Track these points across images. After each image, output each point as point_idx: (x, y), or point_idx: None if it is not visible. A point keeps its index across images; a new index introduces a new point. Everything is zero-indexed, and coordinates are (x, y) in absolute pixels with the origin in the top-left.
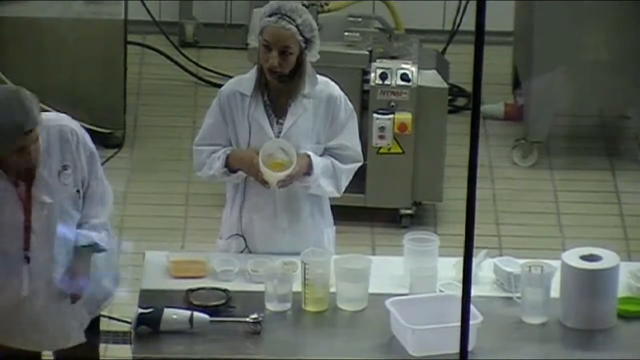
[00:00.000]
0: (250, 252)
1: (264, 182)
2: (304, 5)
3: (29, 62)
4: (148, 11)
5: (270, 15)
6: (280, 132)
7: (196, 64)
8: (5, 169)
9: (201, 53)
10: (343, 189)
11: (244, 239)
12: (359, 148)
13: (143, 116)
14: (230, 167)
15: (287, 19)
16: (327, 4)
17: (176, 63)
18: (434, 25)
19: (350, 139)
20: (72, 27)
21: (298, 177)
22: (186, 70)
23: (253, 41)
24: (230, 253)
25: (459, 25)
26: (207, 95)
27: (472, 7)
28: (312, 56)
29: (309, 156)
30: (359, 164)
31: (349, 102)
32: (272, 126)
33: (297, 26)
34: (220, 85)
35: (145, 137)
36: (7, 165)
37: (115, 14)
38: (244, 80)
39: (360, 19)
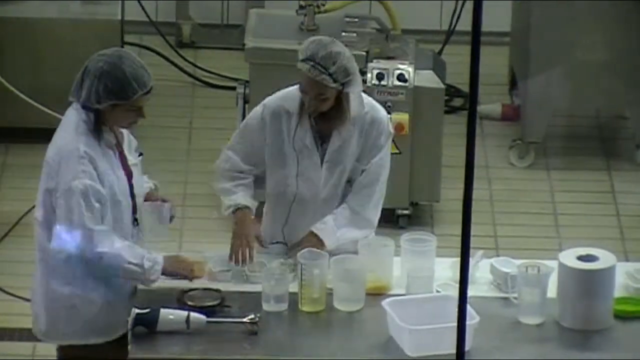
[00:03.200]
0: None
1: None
2: (301, 5)
3: (27, 62)
4: (145, 12)
5: (305, 60)
6: (324, 155)
7: (193, 64)
8: (113, 129)
9: (198, 53)
10: (376, 219)
11: (286, 244)
12: (384, 171)
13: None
14: (228, 213)
15: (320, 67)
16: (324, 5)
17: (173, 63)
18: (430, 26)
19: (379, 161)
20: (69, 27)
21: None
22: (183, 70)
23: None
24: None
25: (455, 25)
26: (204, 95)
27: (468, 7)
28: (354, 92)
29: (315, 234)
30: (378, 186)
31: (390, 125)
32: (317, 149)
33: (330, 74)
34: (217, 86)
35: (142, 138)
36: (118, 122)
37: (112, 14)
38: (291, 98)
39: (357, 20)
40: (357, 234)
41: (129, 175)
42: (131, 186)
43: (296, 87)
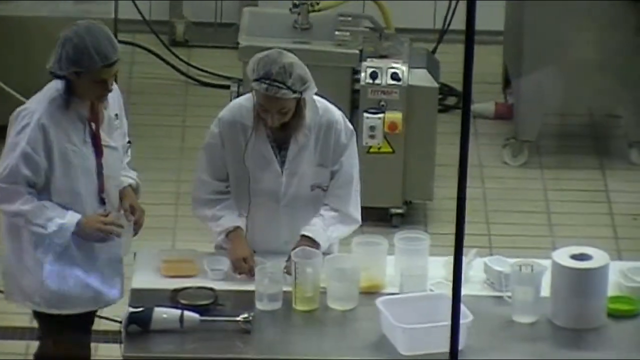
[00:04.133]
0: None
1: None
2: (294, 4)
3: (19, 60)
4: (138, 10)
5: (259, 80)
6: (283, 162)
7: (186, 63)
8: (82, 100)
9: (191, 52)
10: (359, 215)
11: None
12: (355, 168)
13: (133, 115)
14: (222, 239)
15: (277, 84)
16: (317, 3)
17: (166, 62)
18: (424, 25)
19: (348, 159)
20: (62, 26)
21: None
22: (176, 69)
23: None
24: (220, 252)
25: (449, 24)
26: (197, 94)
27: (462, 6)
28: (309, 95)
29: (308, 237)
30: (353, 184)
31: (348, 122)
32: (275, 156)
33: (289, 87)
34: (210, 85)
35: (135, 136)
36: (85, 94)
37: (106, 12)
38: (244, 110)
39: (350, 18)
40: (345, 230)
41: (99, 153)
42: (100, 165)
43: (246, 97)
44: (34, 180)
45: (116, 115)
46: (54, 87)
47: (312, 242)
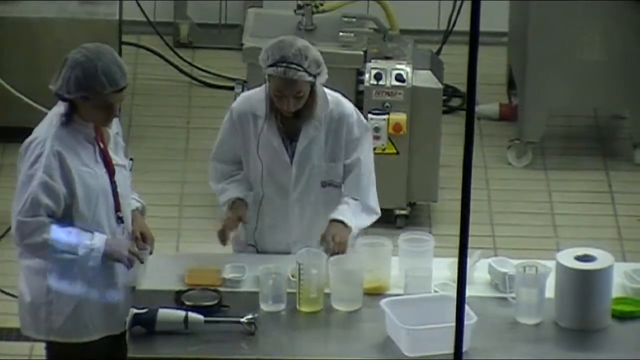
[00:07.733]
0: None
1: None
2: (299, 5)
3: (24, 62)
4: (143, 11)
5: (275, 65)
6: (293, 154)
7: (190, 64)
8: (87, 123)
9: (195, 53)
10: (378, 207)
11: (256, 249)
12: (371, 162)
13: (137, 116)
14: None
15: (294, 66)
16: (321, 4)
17: (171, 63)
18: (428, 26)
19: (364, 154)
20: (67, 27)
21: (347, 244)
22: (181, 70)
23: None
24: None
25: (453, 25)
26: (201, 95)
27: (466, 7)
28: (321, 80)
29: (341, 221)
30: (373, 176)
31: (361, 116)
32: (286, 149)
33: (305, 70)
34: (215, 86)
35: (140, 138)
36: (91, 118)
37: (110, 14)
38: (256, 101)
39: (354, 19)
40: (367, 220)
41: (111, 172)
42: (113, 183)
43: (259, 89)
44: (54, 209)
45: (117, 133)
46: (58, 112)
47: (344, 226)
